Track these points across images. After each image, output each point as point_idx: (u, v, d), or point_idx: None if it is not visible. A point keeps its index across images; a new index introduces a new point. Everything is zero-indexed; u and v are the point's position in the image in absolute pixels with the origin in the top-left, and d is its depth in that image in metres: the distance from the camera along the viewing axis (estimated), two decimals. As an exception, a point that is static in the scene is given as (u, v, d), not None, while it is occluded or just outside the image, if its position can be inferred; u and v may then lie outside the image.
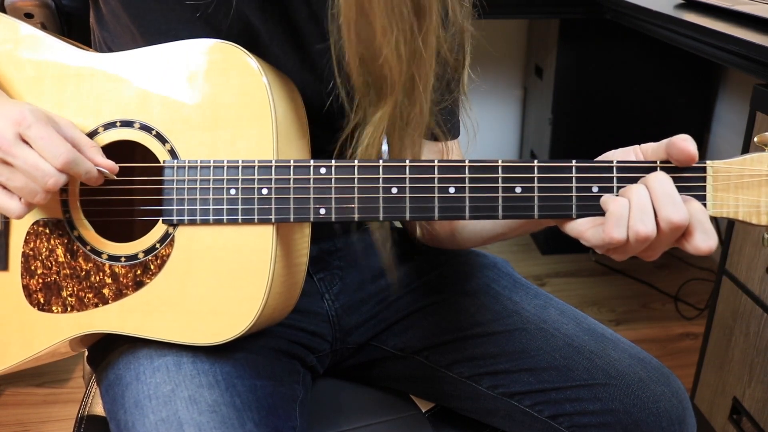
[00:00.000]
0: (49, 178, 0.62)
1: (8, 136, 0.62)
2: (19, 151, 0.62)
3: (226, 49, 0.67)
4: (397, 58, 0.66)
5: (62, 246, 0.70)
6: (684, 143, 0.59)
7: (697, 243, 0.58)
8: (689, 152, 0.59)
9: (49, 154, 0.62)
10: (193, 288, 0.67)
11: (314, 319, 0.85)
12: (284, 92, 0.70)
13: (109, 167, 0.66)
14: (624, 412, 0.75)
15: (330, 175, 0.65)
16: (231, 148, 0.67)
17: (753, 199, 0.61)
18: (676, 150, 0.60)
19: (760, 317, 1.22)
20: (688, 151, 0.59)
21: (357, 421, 0.85)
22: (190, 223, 0.67)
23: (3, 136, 0.61)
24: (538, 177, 0.63)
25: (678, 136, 0.60)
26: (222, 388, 0.68)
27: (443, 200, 0.64)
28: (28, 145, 0.62)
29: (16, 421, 1.61)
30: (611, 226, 0.59)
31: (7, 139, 0.61)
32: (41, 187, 0.62)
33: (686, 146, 0.59)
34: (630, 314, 2.05)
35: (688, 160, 0.60)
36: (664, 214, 0.58)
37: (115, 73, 0.70)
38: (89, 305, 0.69)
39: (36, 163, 0.62)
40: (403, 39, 0.66)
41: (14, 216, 0.65)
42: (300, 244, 0.71)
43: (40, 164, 0.62)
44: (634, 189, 0.59)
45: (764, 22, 1.23)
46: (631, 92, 2.17)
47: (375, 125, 0.69)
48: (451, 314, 0.85)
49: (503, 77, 2.49)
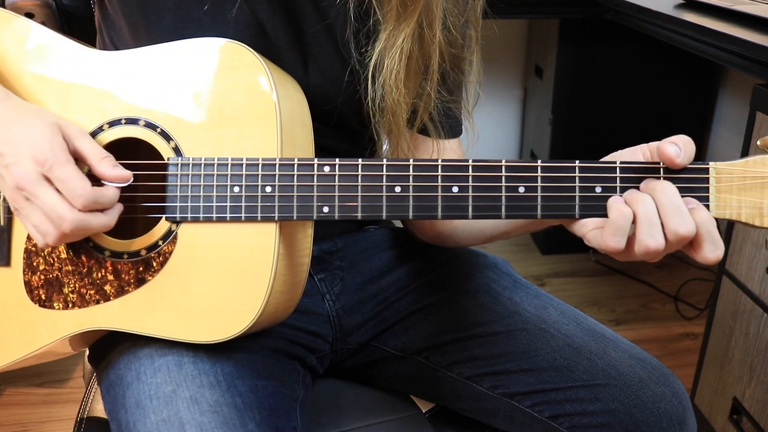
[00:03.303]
0: (63, 221, 0.62)
1: (32, 176, 0.62)
2: (41, 191, 0.62)
3: (233, 49, 0.68)
4: None
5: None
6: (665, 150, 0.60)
7: (705, 253, 0.59)
8: (669, 159, 0.60)
9: (69, 195, 0.62)
10: (195, 285, 0.67)
11: (315, 320, 0.85)
12: (289, 91, 0.70)
13: (122, 178, 0.66)
14: (624, 412, 0.75)
15: (334, 173, 0.65)
16: (236, 146, 0.67)
17: (756, 201, 0.61)
18: (661, 156, 0.61)
19: (760, 317, 1.22)
20: (668, 159, 0.60)
21: (357, 421, 0.85)
22: (193, 220, 0.67)
23: (27, 177, 0.62)
24: (541, 177, 0.63)
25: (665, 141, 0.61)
26: (223, 388, 0.68)
27: (446, 199, 0.64)
28: (51, 184, 0.63)
29: (16, 421, 1.61)
30: (609, 234, 0.59)
31: (30, 180, 0.62)
32: (55, 230, 0.63)
33: (666, 152, 0.60)
34: (630, 314, 2.05)
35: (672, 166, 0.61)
36: (672, 227, 0.58)
37: (121, 70, 0.70)
38: (90, 302, 0.69)
39: (53, 206, 0.62)
40: None
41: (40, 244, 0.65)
42: (303, 243, 0.71)
43: (57, 207, 0.62)
44: (640, 201, 0.59)
45: (764, 22, 1.23)
46: (631, 92, 2.17)
47: (400, 47, 0.70)
48: (452, 315, 0.85)
49: (503, 77, 2.49)
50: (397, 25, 0.70)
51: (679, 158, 0.60)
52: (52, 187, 0.63)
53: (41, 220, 0.63)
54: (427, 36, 0.72)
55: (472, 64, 0.80)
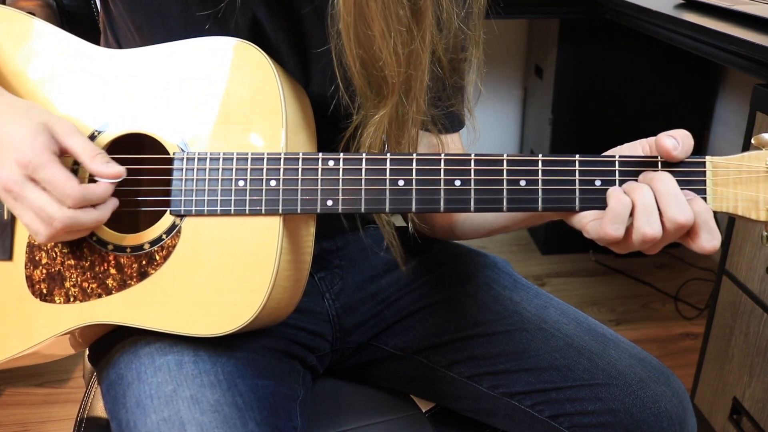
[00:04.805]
0: (53, 220, 0.62)
1: (16, 179, 0.62)
2: (28, 193, 0.63)
3: (241, 47, 0.68)
4: (395, 60, 0.67)
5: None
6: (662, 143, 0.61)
7: (702, 243, 0.59)
8: (666, 152, 0.61)
9: (57, 195, 0.62)
10: (198, 279, 0.68)
11: (315, 319, 0.85)
12: (293, 90, 0.71)
13: (115, 175, 0.65)
14: (624, 412, 0.75)
15: (338, 167, 0.66)
16: (241, 141, 0.67)
17: (752, 194, 0.62)
18: (659, 149, 0.62)
19: (760, 317, 1.22)
20: (666, 151, 0.61)
21: (357, 421, 0.85)
22: (197, 214, 0.68)
23: (12, 180, 0.62)
24: (542, 170, 0.64)
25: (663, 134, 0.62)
26: (224, 387, 0.68)
27: (449, 192, 0.65)
28: (38, 184, 0.63)
29: (16, 421, 1.61)
30: (608, 222, 0.60)
31: (15, 182, 0.62)
32: (46, 229, 0.63)
33: (663, 145, 0.61)
34: (630, 314, 2.06)
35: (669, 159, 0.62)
36: (670, 215, 0.59)
37: (127, 67, 0.71)
38: (92, 296, 0.70)
39: (42, 206, 0.62)
40: (401, 42, 0.67)
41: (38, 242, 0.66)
42: (305, 240, 0.71)
43: (46, 208, 0.62)
44: (638, 190, 0.60)
45: (764, 22, 1.23)
46: (631, 92, 2.17)
47: (376, 125, 0.71)
48: (452, 314, 0.85)
49: (503, 77, 2.49)
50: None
51: (677, 151, 0.61)
52: (39, 188, 0.63)
53: (32, 219, 0.63)
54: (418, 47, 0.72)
55: (472, 65, 0.80)
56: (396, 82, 0.68)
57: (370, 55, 0.67)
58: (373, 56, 0.67)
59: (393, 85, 0.69)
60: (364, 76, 0.69)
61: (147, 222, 0.69)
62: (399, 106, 0.71)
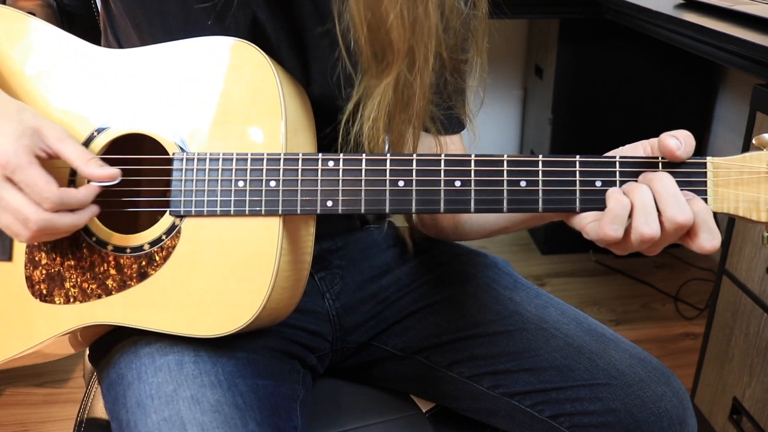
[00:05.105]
0: (28, 222, 0.62)
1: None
2: (6, 193, 0.62)
3: (241, 47, 0.68)
4: (401, 23, 0.67)
5: (67, 237, 0.70)
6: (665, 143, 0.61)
7: (702, 242, 0.59)
8: (670, 152, 0.61)
9: (35, 197, 0.62)
10: (198, 280, 0.68)
11: (315, 319, 0.85)
12: (293, 90, 0.71)
13: (110, 177, 0.66)
14: (625, 412, 0.75)
15: (338, 167, 0.66)
16: (241, 141, 0.67)
17: (753, 195, 0.61)
18: (662, 148, 0.62)
19: (760, 317, 1.22)
20: (669, 151, 0.61)
21: (357, 421, 0.85)
22: (197, 214, 0.68)
23: None
24: (542, 171, 0.64)
25: (665, 134, 0.61)
26: (224, 387, 0.68)
27: (449, 193, 0.64)
28: (15, 185, 0.63)
29: (16, 421, 1.61)
30: (607, 223, 0.60)
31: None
32: (24, 230, 0.63)
33: (667, 145, 0.61)
34: (630, 314, 2.06)
35: (672, 158, 0.61)
36: (669, 215, 0.59)
37: (127, 67, 0.71)
38: (92, 296, 0.70)
39: (18, 207, 0.62)
40: (407, 4, 0.67)
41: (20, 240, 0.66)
42: (305, 241, 0.71)
43: (22, 209, 0.62)
44: (637, 190, 0.60)
45: (764, 22, 1.23)
46: (631, 92, 2.17)
47: (379, 97, 0.70)
48: (452, 314, 0.85)
49: (503, 77, 2.49)
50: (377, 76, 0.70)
51: (680, 151, 0.60)
52: (16, 189, 0.63)
53: (11, 221, 0.63)
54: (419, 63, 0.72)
55: (474, 66, 0.80)
56: (401, 48, 0.68)
57: (377, 18, 0.67)
58: (380, 18, 0.67)
59: (398, 51, 0.68)
60: (370, 41, 0.68)
61: (147, 222, 0.70)
62: (404, 82, 0.71)
